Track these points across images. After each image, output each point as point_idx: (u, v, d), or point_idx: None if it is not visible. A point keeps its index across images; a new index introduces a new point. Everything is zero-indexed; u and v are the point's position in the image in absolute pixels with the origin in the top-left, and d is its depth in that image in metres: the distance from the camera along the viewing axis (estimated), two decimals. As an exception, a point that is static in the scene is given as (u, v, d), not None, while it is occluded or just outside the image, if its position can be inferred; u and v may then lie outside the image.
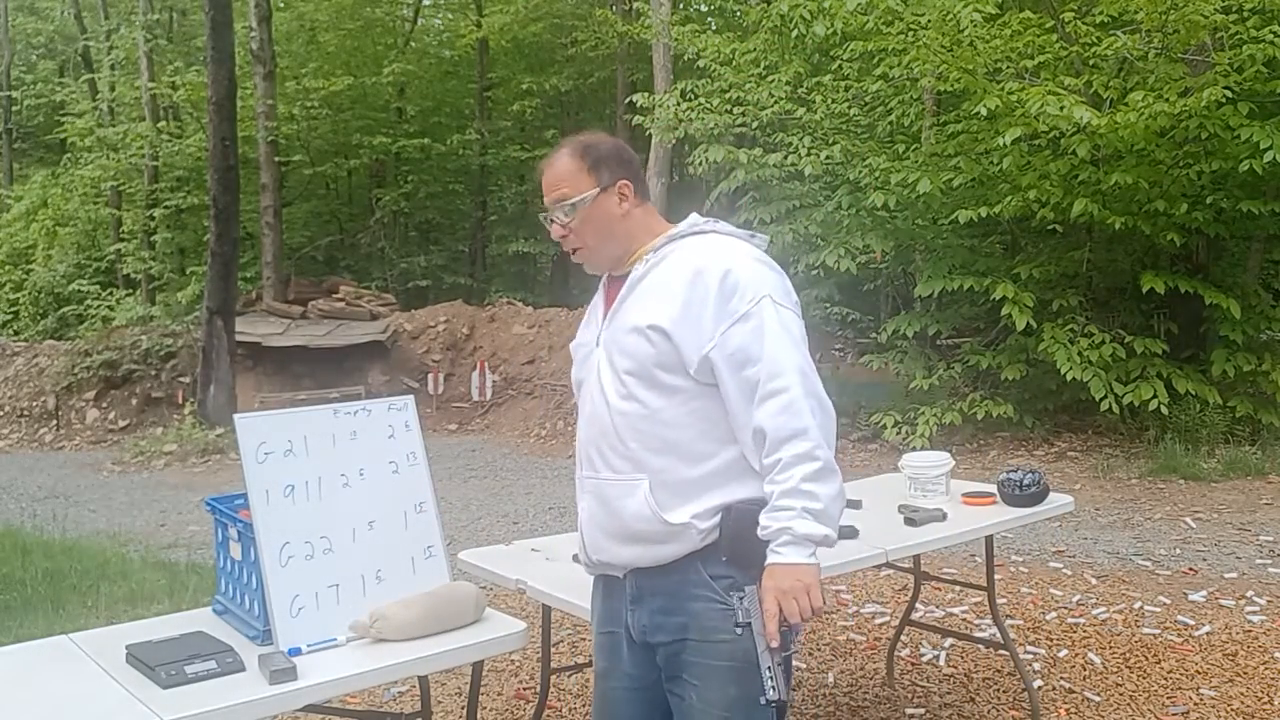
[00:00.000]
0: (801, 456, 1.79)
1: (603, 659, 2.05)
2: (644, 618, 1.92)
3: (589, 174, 1.96)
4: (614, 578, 1.99)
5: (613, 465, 1.92)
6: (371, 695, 3.66)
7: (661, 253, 1.95)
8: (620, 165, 1.98)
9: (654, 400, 1.87)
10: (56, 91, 23.78)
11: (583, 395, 2.04)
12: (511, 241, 19.41)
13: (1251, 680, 3.77)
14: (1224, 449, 8.04)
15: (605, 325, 1.98)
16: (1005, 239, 10.38)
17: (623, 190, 1.97)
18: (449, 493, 8.09)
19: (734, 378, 1.83)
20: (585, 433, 2.01)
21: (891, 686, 3.81)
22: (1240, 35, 7.62)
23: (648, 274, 1.93)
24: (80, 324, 18.58)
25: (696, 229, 1.98)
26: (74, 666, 2.01)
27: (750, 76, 10.43)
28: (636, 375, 1.88)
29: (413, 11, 22.11)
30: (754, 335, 1.82)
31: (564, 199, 1.96)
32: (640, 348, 1.87)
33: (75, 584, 5.25)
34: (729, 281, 1.84)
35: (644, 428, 1.88)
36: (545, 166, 2.01)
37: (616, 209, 1.97)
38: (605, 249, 2.00)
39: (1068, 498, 3.42)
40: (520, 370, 13.34)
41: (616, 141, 2.06)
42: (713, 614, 1.85)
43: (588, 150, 1.98)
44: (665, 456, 1.87)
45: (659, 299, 1.88)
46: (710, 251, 1.90)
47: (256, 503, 2.08)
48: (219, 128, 11.74)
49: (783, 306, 1.87)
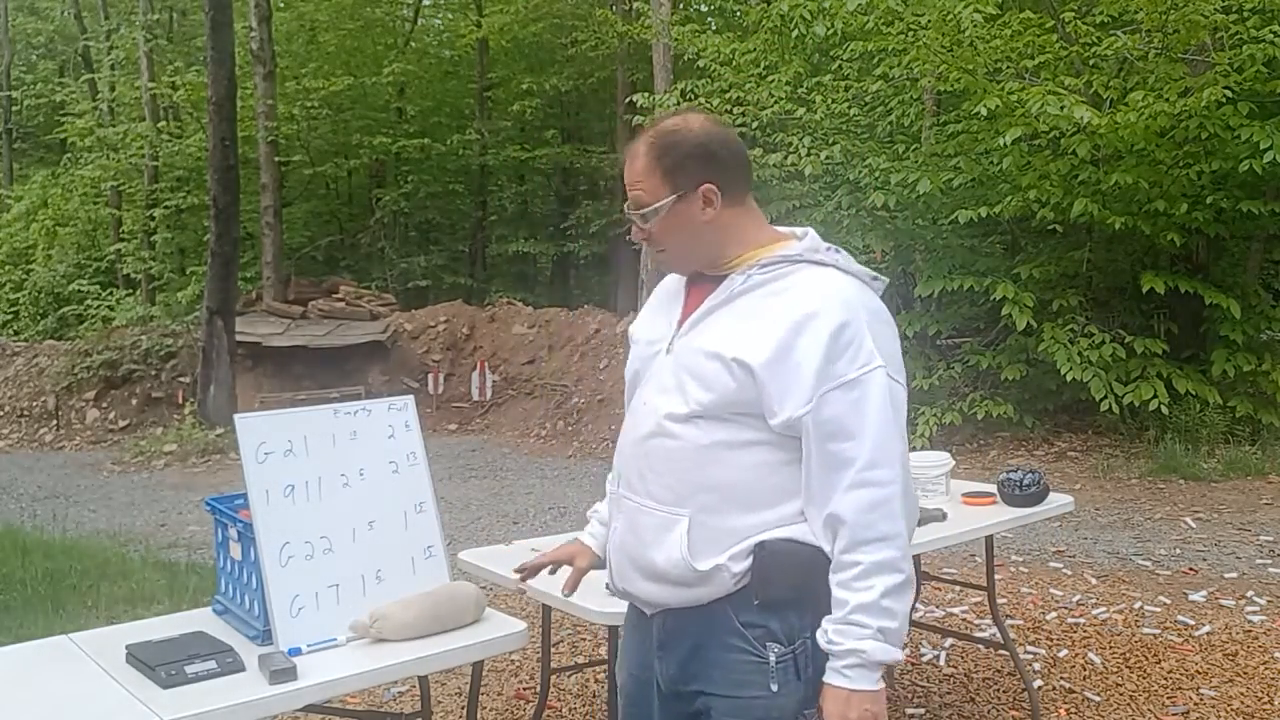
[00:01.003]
0: (885, 566, 1.58)
1: (631, 705, 1.87)
2: (672, 667, 1.75)
3: (666, 177, 1.71)
4: (642, 612, 1.82)
5: (653, 493, 1.71)
6: (371, 695, 3.66)
7: (770, 272, 1.69)
8: (705, 164, 1.70)
9: (718, 434, 1.66)
10: (56, 91, 23.77)
11: (635, 400, 1.82)
12: (511, 241, 19.42)
13: (1251, 680, 3.77)
14: (1224, 449, 8.04)
15: (683, 330, 1.74)
16: (1005, 239, 10.38)
17: (707, 195, 1.70)
18: (449, 493, 8.09)
19: (820, 449, 1.61)
20: (629, 446, 1.79)
21: (892, 686, 3.81)
22: (1240, 35, 7.63)
23: (747, 292, 1.69)
24: (80, 324, 18.58)
25: (816, 256, 1.71)
26: (74, 666, 2.01)
27: (750, 76, 10.44)
28: (705, 405, 1.66)
29: (413, 11, 22.11)
30: (855, 408, 1.59)
31: (640, 204, 1.73)
32: (718, 378, 1.64)
33: (75, 584, 5.25)
34: (843, 338, 1.60)
35: (697, 460, 1.67)
36: (626, 157, 1.77)
37: (699, 215, 1.71)
38: (689, 256, 1.78)
39: (1068, 498, 3.42)
40: (520, 370, 13.35)
41: (708, 129, 1.74)
42: (744, 667, 1.66)
43: (667, 149, 1.71)
44: (713, 495, 1.66)
45: (754, 330, 1.64)
46: (828, 294, 1.64)
47: (256, 503, 2.08)
48: (219, 128, 11.73)
49: (896, 382, 1.64)
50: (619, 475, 1.83)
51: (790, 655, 1.64)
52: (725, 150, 1.73)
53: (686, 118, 1.76)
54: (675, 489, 1.69)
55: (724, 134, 1.76)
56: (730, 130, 1.80)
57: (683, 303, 1.80)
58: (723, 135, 1.75)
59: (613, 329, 13.27)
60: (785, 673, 1.64)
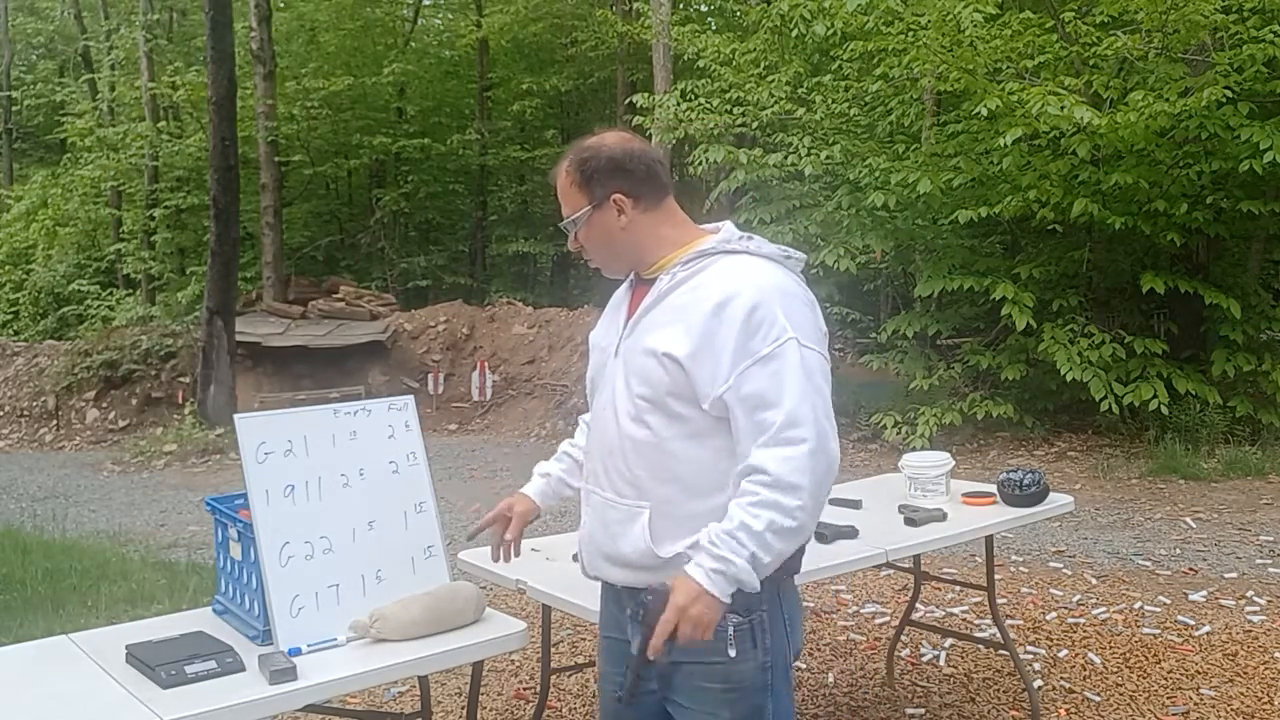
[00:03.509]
0: (781, 508, 1.69)
1: (606, 663, 2.04)
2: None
3: (581, 190, 1.89)
4: (613, 585, 1.98)
5: (616, 487, 1.88)
6: (371, 695, 3.66)
7: (690, 268, 1.84)
8: (615, 175, 1.87)
9: (664, 428, 1.80)
10: (56, 91, 23.79)
11: (595, 403, 1.98)
12: (511, 241, 19.42)
13: (1251, 680, 3.77)
14: (1224, 449, 8.04)
15: (626, 334, 1.90)
16: (1005, 239, 10.39)
17: (618, 204, 1.87)
18: (449, 493, 8.08)
19: (748, 419, 1.74)
20: (593, 445, 1.97)
21: (891, 686, 3.81)
22: (1240, 35, 7.63)
23: (672, 290, 1.83)
24: (80, 324, 18.59)
25: (729, 246, 1.85)
26: (74, 666, 2.01)
27: (750, 76, 10.44)
28: (648, 400, 1.81)
29: (413, 11, 22.12)
30: (773, 380, 1.72)
31: (566, 216, 1.92)
32: (654, 373, 1.80)
33: (75, 584, 5.25)
34: (755, 318, 1.73)
35: (651, 455, 1.82)
36: (551, 178, 1.97)
37: (615, 223, 1.88)
38: (614, 262, 1.95)
39: (1068, 498, 3.42)
40: (520, 370, 13.35)
41: (619, 144, 1.91)
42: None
43: (581, 165, 1.90)
44: (670, 486, 1.81)
45: (678, 325, 1.79)
46: (739, 279, 1.78)
47: (256, 503, 2.08)
48: (219, 128, 11.74)
49: (808, 348, 1.76)
50: (586, 472, 2.01)
51: (748, 625, 1.79)
52: (634, 162, 1.89)
53: (603, 136, 1.94)
54: (636, 484, 1.84)
55: (634, 148, 1.91)
56: (642, 144, 1.95)
57: (627, 306, 1.95)
58: (632, 149, 1.91)
59: (613, 329, 13.26)
60: (743, 640, 1.79)
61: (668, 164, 2.07)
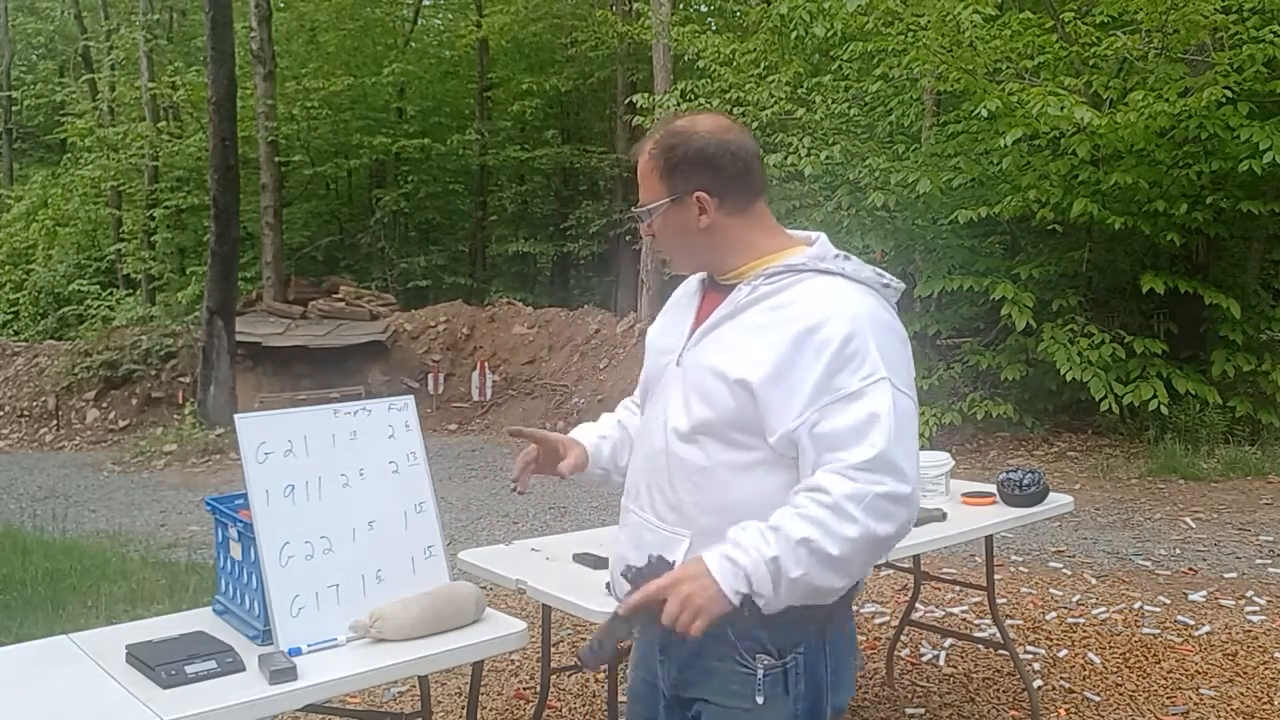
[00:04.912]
0: (828, 530, 1.50)
1: (639, 707, 1.87)
2: (673, 671, 1.74)
3: (663, 180, 1.70)
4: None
5: (657, 509, 1.71)
6: (371, 695, 3.66)
7: (775, 282, 1.64)
8: (702, 171, 1.67)
9: (719, 454, 1.63)
10: (56, 91, 23.79)
11: (647, 411, 1.82)
12: (511, 241, 19.44)
13: (1251, 680, 3.77)
14: (1224, 449, 8.04)
15: (692, 342, 1.72)
16: (1005, 239, 10.39)
17: (700, 202, 1.67)
18: (449, 493, 8.09)
19: (819, 460, 1.55)
20: (640, 460, 1.80)
21: (891, 686, 3.81)
22: (1240, 35, 7.63)
23: (752, 304, 1.64)
24: (80, 324, 18.59)
25: (822, 265, 1.65)
26: (74, 666, 2.01)
27: (750, 77, 10.45)
28: (708, 423, 1.63)
29: (413, 11, 22.14)
30: (857, 421, 1.53)
31: (642, 202, 1.73)
32: (719, 397, 1.62)
33: (75, 584, 5.24)
34: (846, 350, 1.54)
35: (700, 480, 1.65)
36: (634, 155, 1.77)
37: (694, 221, 1.69)
38: (688, 260, 1.78)
39: (1067, 498, 3.42)
40: (520, 370, 13.35)
41: (714, 134, 1.69)
42: (734, 677, 1.64)
43: (666, 151, 1.69)
44: (716, 517, 1.62)
45: (755, 347, 1.60)
46: (831, 304, 1.58)
47: (256, 503, 2.08)
48: (219, 128, 11.74)
49: (901, 392, 1.57)
50: (627, 487, 1.82)
51: (780, 668, 1.61)
52: (726, 157, 1.68)
53: (695, 120, 1.73)
54: (678, 509, 1.68)
55: (730, 140, 1.70)
56: (740, 136, 1.72)
57: (695, 311, 1.77)
58: (728, 141, 1.69)
59: (613, 329, 13.28)
60: (773, 686, 1.60)
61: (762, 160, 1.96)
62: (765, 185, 1.77)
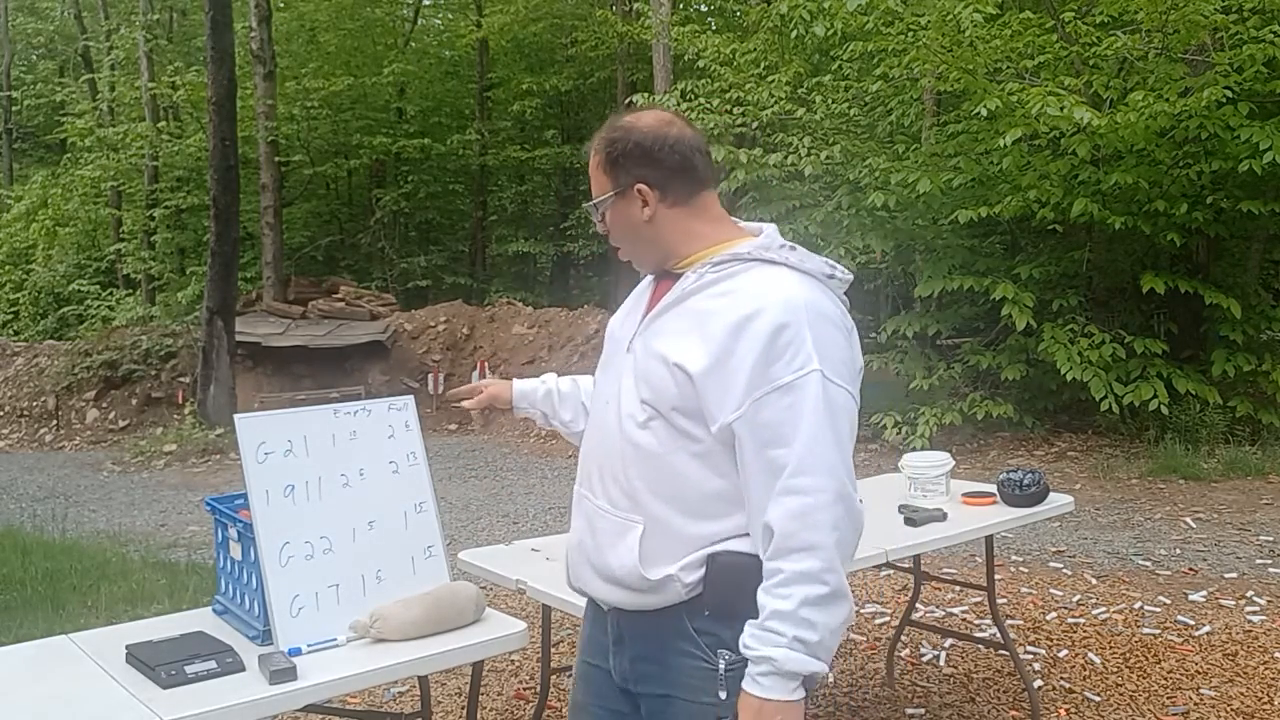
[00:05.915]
0: (806, 576, 1.52)
1: (581, 692, 1.90)
2: (625, 663, 1.75)
3: (606, 174, 1.73)
4: (600, 605, 1.83)
5: (610, 496, 1.71)
6: (371, 695, 3.66)
7: (720, 270, 1.65)
8: (642, 163, 1.69)
9: (668, 440, 1.64)
10: (56, 91, 23.79)
11: (597, 396, 1.84)
12: (511, 241, 19.44)
13: (1251, 680, 3.77)
14: (1224, 449, 8.04)
15: (641, 328, 1.74)
16: (1005, 239, 10.39)
17: (642, 194, 1.70)
18: (449, 493, 8.09)
19: (758, 455, 1.56)
20: (591, 445, 1.82)
21: (891, 686, 3.81)
22: (1240, 35, 7.63)
23: (697, 291, 1.66)
24: (80, 324, 18.60)
25: (767, 254, 1.65)
26: (74, 666, 2.01)
27: (750, 76, 10.45)
28: (654, 407, 1.64)
29: (413, 11, 22.14)
30: (790, 413, 1.53)
31: (593, 197, 1.77)
32: (663, 381, 1.63)
33: (75, 584, 5.25)
34: (780, 340, 1.54)
35: (651, 466, 1.65)
36: (584, 153, 1.82)
37: (638, 214, 1.71)
38: (638, 253, 1.79)
39: (1068, 498, 3.42)
40: (520, 370, 13.34)
41: (653, 128, 1.72)
42: (698, 673, 1.65)
43: (609, 145, 1.73)
44: (668, 505, 1.64)
45: (696, 335, 1.61)
46: (771, 295, 1.58)
47: (256, 503, 2.08)
48: (219, 128, 11.74)
49: (835, 384, 1.56)
50: (580, 474, 1.83)
51: (741, 663, 1.60)
52: (665, 150, 1.70)
53: (639, 115, 1.76)
54: (631, 495, 1.68)
55: (669, 134, 1.71)
56: (681, 130, 1.74)
57: (647, 301, 1.79)
58: (667, 135, 1.71)
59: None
60: (735, 680, 1.60)
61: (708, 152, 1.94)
62: (712, 178, 1.77)
